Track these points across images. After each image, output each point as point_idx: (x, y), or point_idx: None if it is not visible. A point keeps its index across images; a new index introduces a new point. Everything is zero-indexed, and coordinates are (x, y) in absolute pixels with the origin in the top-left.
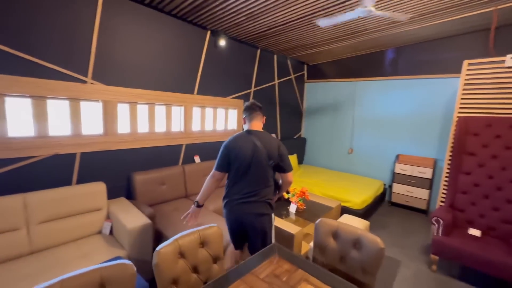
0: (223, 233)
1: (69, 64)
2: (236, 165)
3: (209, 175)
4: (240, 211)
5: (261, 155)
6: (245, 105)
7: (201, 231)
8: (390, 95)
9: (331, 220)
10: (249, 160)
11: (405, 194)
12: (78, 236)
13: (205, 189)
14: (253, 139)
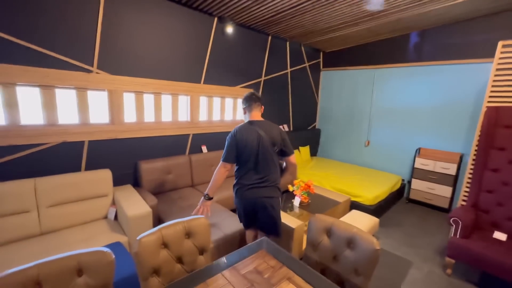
0: (209, 225)
1: (74, 54)
2: (245, 155)
3: (218, 167)
4: (252, 195)
5: (266, 143)
6: (244, 96)
7: (186, 222)
8: (413, 83)
9: (326, 216)
10: (256, 149)
11: (425, 191)
12: (85, 220)
13: (215, 180)
14: (256, 129)
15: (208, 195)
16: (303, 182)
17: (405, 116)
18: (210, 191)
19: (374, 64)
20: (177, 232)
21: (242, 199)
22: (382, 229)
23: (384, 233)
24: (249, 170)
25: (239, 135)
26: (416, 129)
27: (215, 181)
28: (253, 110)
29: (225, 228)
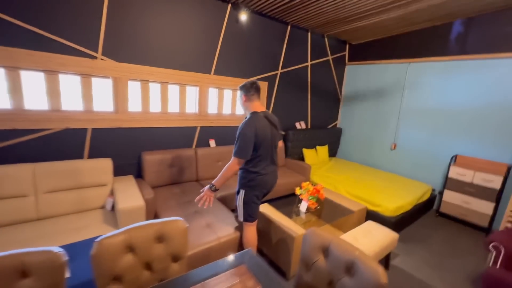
0: (187, 230)
1: (79, 39)
2: (263, 148)
3: (231, 163)
4: (267, 184)
5: (275, 133)
6: (247, 84)
7: (160, 225)
8: (453, 80)
9: (325, 232)
10: (269, 140)
11: (460, 205)
12: (82, 208)
13: (224, 175)
14: (268, 120)
15: (214, 186)
16: (312, 185)
17: (441, 118)
18: (217, 183)
19: (407, 57)
20: (147, 235)
21: (257, 186)
22: (403, 244)
23: (405, 249)
24: (266, 161)
25: (259, 126)
26: (454, 133)
27: (224, 175)
28: (258, 100)
29: (220, 231)
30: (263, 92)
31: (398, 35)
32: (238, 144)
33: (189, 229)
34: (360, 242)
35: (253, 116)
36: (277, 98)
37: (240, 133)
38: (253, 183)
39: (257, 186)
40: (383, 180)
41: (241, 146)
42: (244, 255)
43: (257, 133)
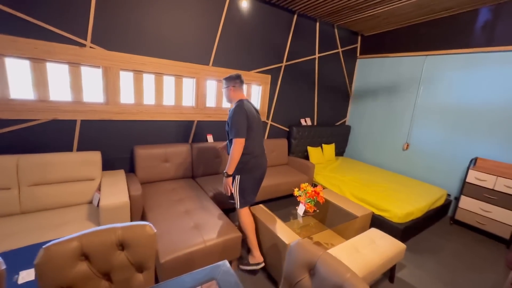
0: (156, 236)
1: (66, 25)
2: (253, 128)
3: (235, 145)
4: (262, 166)
5: (259, 117)
6: (232, 76)
7: (123, 230)
8: (476, 74)
9: (313, 246)
10: (258, 123)
11: (478, 213)
12: (67, 203)
13: (234, 159)
14: (252, 105)
15: (226, 172)
16: (311, 187)
17: (461, 116)
18: (229, 169)
19: (425, 49)
20: (106, 241)
21: (254, 169)
22: (412, 254)
23: (414, 260)
24: (256, 143)
25: (247, 109)
26: (474, 133)
27: (234, 159)
28: (243, 90)
29: (208, 233)
30: (266, 85)
31: (415, 25)
32: (234, 128)
33: (175, 230)
34: (361, 252)
35: (240, 103)
36: (280, 93)
37: (233, 119)
38: (248, 166)
39: (253, 169)
40: (393, 182)
41: (237, 128)
42: (216, 269)
43: (247, 116)
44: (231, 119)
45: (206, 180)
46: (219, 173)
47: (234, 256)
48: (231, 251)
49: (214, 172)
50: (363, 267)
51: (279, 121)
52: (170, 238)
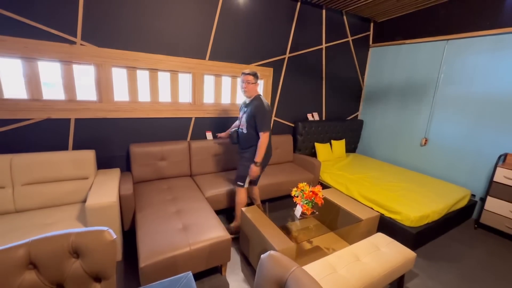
0: (116, 242)
1: (55, 23)
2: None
3: (264, 138)
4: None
5: None
6: (256, 73)
7: (76, 236)
8: (506, 59)
9: (287, 260)
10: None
11: (507, 217)
12: (61, 202)
13: (264, 149)
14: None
15: (258, 162)
16: (309, 187)
17: (487, 107)
18: (258, 159)
19: (445, 33)
20: (57, 248)
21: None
22: (426, 262)
23: (428, 269)
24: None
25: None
26: (504, 126)
27: (264, 150)
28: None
29: (195, 236)
30: (268, 79)
31: (433, 6)
32: (264, 120)
33: (160, 231)
34: (361, 261)
35: (262, 97)
36: (284, 86)
37: (262, 111)
38: (267, 156)
39: (265, 159)
40: (408, 181)
41: (266, 121)
42: (178, 281)
43: (270, 109)
44: (260, 113)
45: (205, 178)
46: (218, 171)
47: (223, 261)
48: (220, 255)
49: (214, 170)
50: (362, 278)
51: (283, 117)
52: (154, 241)
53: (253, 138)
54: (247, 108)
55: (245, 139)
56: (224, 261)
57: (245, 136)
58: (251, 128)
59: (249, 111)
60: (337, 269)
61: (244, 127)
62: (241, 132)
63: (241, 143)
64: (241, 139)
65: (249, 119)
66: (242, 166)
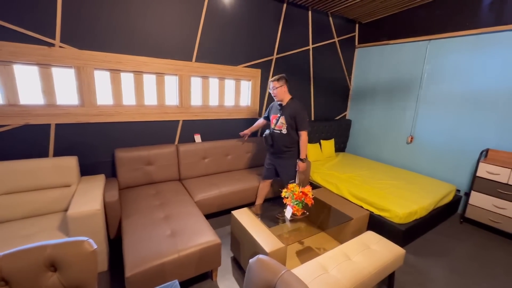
0: (97, 253)
1: (32, 24)
2: None
3: (307, 136)
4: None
5: None
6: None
7: (52, 248)
8: (485, 58)
9: (276, 263)
10: None
11: (491, 210)
12: (42, 212)
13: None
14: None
15: (304, 158)
16: (299, 187)
17: (469, 104)
18: (303, 155)
19: (427, 33)
20: (32, 262)
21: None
22: (415, 258)
23: (418, 265)
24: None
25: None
26: (485, 123)
27: (306, 147)
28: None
29: (183, 242)
30: (256, 80)
31: (415, 7)
32: (304, 120)
33: (148, 239)
34: (352, 260)
35: (295, 99)
36: None
37: (301, 112)
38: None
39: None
40: (396, 178)
41: (306, 121)
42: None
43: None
44: (300, 115)
45: (194, 182)
46: (208, 174)
47: (214, 266)
48: (210, 260)
49: (203, 173)
50: (354, 277)
51: None
52: (141, 249)
53: (294, 137)
54: (284, 111)
55: (286, 140)
56: (214, 266)
57: (285, 136)
58: (292, 128)
59: (288, 113)
60: (329, 270)
61: (283, 128)
62: (279, 134)
63: (280, 144)
64: (279, 140)
65: (289, 120)
66: (290, 167)
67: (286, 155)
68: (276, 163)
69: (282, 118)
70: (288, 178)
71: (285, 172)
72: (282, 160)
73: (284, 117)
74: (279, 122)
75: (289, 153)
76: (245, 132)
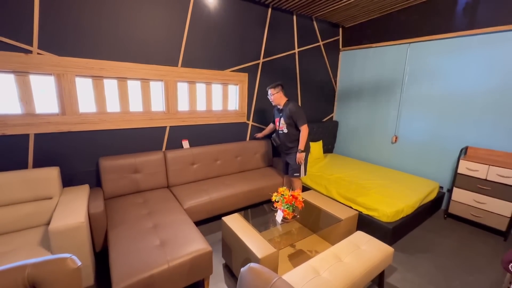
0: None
1: (6, 30)
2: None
3: (306, 129)
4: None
5: None
6: (280, 83)
7: (32, 267)
8: (461, 59)
9: (268, 271)
10: None
11: (472, 205)
12: (22, 226)
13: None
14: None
15: (301, 149)
16: (289, 191)
17: (448, 104)
18: (303, 146)
19: (407, 37)
20: (8, 284)
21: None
22: (403, 255)
23: (406, 263)
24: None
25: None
26: (463, 121)
27: (305, 139)
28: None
29: (173, 252)
30: (244, 84)
31: (396, 12)
32: (300, 116)
33: (136, 250)
34: (343, 261)
35: (292, 101)
36: (260, 91)
37: (296, 110)
38: (308, 145)
39: (309, 148)
40: (383, 178)
41: (302, 116)
42: None
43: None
44: (295, 113)
45: (183, 188)
46: (197, 180)
47: (205, 275)
48: (201, 269)
49: (193, 179)
50: (345, 279)
51: (261, 121)
52: (128, 261)
53: (295, 134)
54: (282, 113)
55: (288, 137)
56: (206, 274)
57: (287, 135)
58: (291, 126)
59: (285, 114)
60: (320, 272)
61: (284, 127)
62: (282, 133)
63: (285, 143)
64: (284, 139)
65: (287, 120)
66: (294, 161)
67: (291, 151)
68: (286, 159)
69: (282, 120)
70: (292, 171)
71: (290, 166)
72: (289, 156)
73: (283, 118)
74: (280, 123)
75: (293, 149)
76: (258, 135)
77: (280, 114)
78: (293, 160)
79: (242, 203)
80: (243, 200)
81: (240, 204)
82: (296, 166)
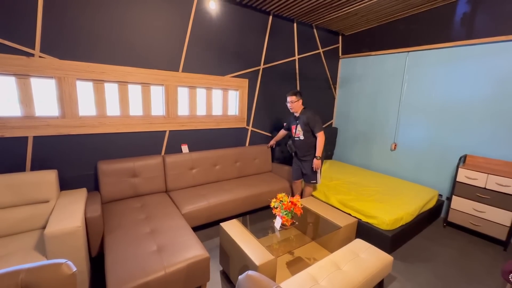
0: (76, 276)
1: (9, 33)
2: None
3: (323, 136)
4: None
5: None
6: (297, 92)
7: (27, 272)
8: (459, 69)
9: (266, 279)
10: None
11: (471, 214)
12: (17, 230)
13: (323, 146)
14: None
15: (318, 156)
16: (288, 197)
17: (446, 112)
18: (319, 153)
19: (406, 46)
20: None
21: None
22: (402, 264)
23: (405, 270)
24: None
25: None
26: (461, 130)
27: (322, 146)
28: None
29: (170, 258)
30: (244, 90)
31: (394, 21)
32: (316, 123)
33: (132, 256)
34: (342, 269)
35: (309, 109)
36: (260, 97)
37: (313, 117)
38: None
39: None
40: (382, 185)
41: (318, 123)
42: None
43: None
44: (312, 119)
45: (182, 193)
46: (196, 185)
47: (202, 282)
48: (198, 276)
49: (191, 184)
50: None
51: (261, 127)
52: (124, 267)
53: (311, 141)
54: (299, 120)
55: (305, 144)
56: (203, 281)
57: (304, 142)
58: (307, 133)
59: (302, 121)
60: (319, 281)
61: (300, 134)
62: (299, 140)
63: (301, 150)
64: (300, 146)
65: (304, 127)
66: (310, 168)
67: (307, 158)
68: (301, 166)
69: (298, 126)
70: (309, 178)
71: (307, 173)
72: (305, 163)
73: (300, 125)
74: (297, 131)
75: (310, 156)
76: (271, 143)
77: (297, 121)
78: (309, 167)
79: (240, 209)
80: (242, 205)
81: (239, 210)
82: (312, 173)
